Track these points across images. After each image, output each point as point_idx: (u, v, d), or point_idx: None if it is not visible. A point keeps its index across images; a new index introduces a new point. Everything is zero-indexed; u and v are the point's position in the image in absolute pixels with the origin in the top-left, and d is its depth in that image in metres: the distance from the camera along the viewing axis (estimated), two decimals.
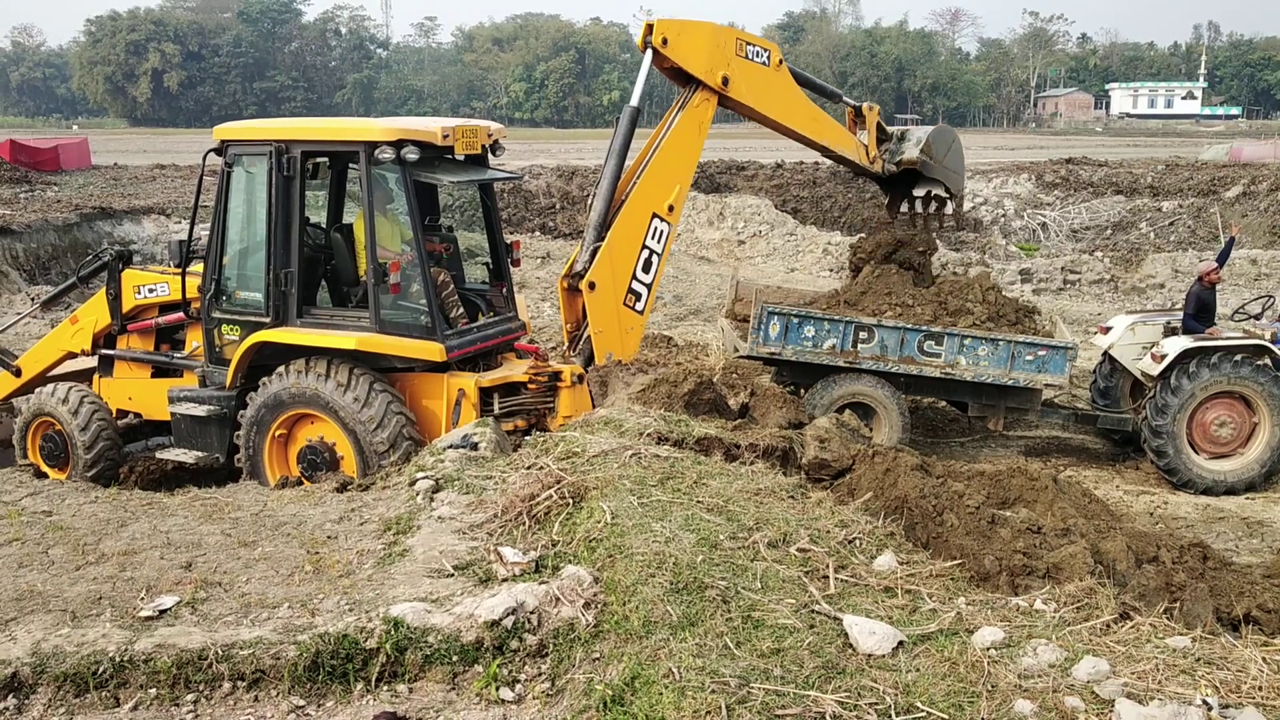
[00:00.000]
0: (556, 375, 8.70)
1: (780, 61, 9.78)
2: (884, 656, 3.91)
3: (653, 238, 9.08)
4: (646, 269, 9.10)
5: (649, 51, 9.24)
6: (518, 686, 4.17)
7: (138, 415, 9.84)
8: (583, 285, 8.87)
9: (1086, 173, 30.48)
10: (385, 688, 4.21)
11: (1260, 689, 3.60)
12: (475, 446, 6.91)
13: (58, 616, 4.58)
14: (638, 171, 9.34)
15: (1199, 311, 11.28)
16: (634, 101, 9.31)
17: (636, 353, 9.29)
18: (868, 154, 10.99)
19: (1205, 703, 3.42)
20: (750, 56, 9.53)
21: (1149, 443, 10.77)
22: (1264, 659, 3.79)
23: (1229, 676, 3.68)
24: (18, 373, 10.41)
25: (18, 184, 28.64)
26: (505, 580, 4.71)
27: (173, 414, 9.12)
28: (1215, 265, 11.55)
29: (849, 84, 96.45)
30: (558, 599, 4.42)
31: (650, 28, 9.20)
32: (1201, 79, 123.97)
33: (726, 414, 7.36)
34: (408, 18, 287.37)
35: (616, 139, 9.27)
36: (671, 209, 9.17)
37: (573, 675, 4.08)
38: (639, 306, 9.13)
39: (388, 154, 8.02)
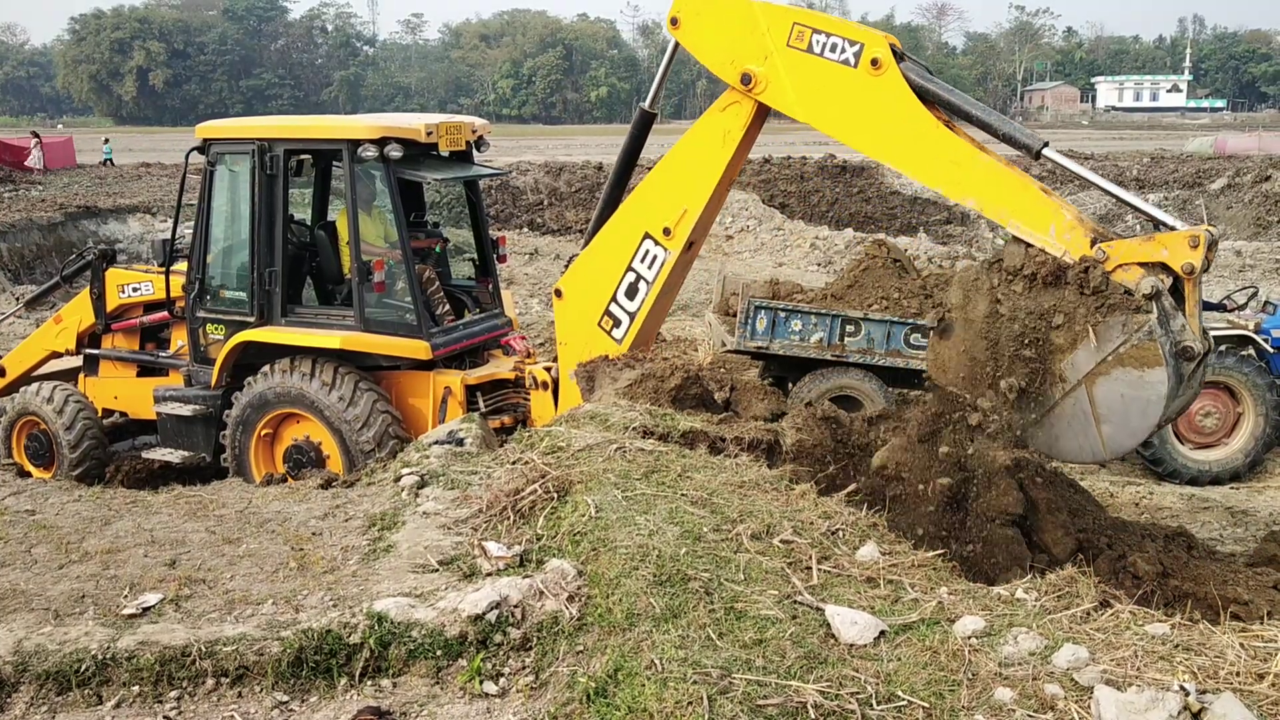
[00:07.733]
0: (533, 377, 8.65)
1: (877, 62, 6.34)
2: (866, 646, 3.93)
3: (641, 261, 7.52)
4: (631, 295, 7.64)
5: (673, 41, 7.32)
6: (501, 680, 4.17)
7: (123, 414, 9.83)
8: (554, 289, 8.13)
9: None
10: (369, 683, 4.21)
11: (1238, 674, 3.63)
12: (461, 442, 6.91)
13: (40, 615, 4.56)
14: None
15: None
16: (647, 101, 7.73)
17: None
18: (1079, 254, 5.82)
19: (1182, 688, 3.44)
20: (816, 49, 6.54)
21: None
22: (1241, 644, 3.82)
23: (1206, 662, 3.71)
24: (1, 372, 10.38)
25: (1, 183, 28.52)
26: (489, 575, 4.71)
27: (158, 413, 9.10)
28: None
29: None
30: (541, 593, 4.42)
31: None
32: (1186, 72, 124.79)
33: (713, 408, 7.34)
34: (394, 14, 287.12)
35: (625, 140, 7.87)
36: (668, 232, 7.35)
37: (556, 668, 4.09)
38: (616, 334, 7.74)
39: (371, 152, 8.00)
